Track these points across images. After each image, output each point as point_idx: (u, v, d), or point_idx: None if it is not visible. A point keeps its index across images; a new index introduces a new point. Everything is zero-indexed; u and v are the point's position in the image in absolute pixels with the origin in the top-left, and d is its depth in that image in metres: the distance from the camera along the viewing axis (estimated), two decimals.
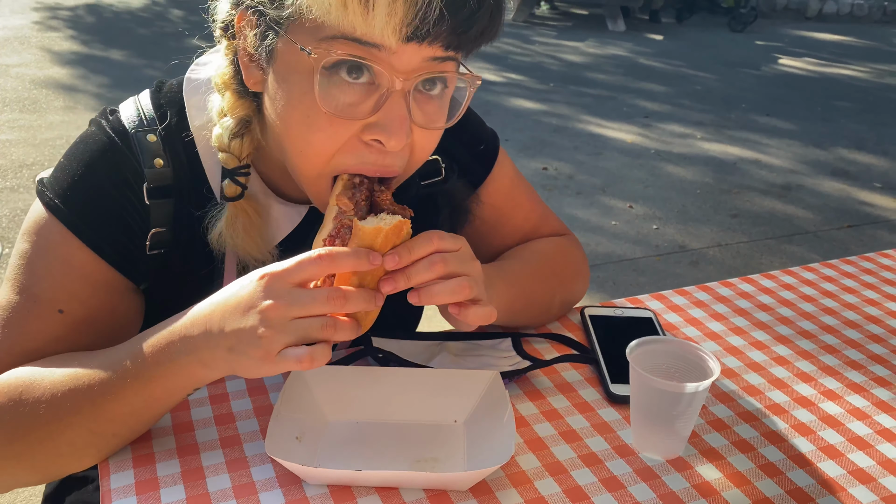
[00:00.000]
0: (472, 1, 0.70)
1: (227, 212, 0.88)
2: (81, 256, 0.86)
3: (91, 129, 0.91)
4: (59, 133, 4.52)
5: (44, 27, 7.05)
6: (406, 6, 0.67)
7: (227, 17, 0.83)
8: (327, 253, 0.72)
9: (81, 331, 0.87)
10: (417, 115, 0.77)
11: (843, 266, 1.34)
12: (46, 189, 0.87)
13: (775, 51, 7.80)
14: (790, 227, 3.93)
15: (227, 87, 0.86)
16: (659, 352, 0.88)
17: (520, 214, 1.14)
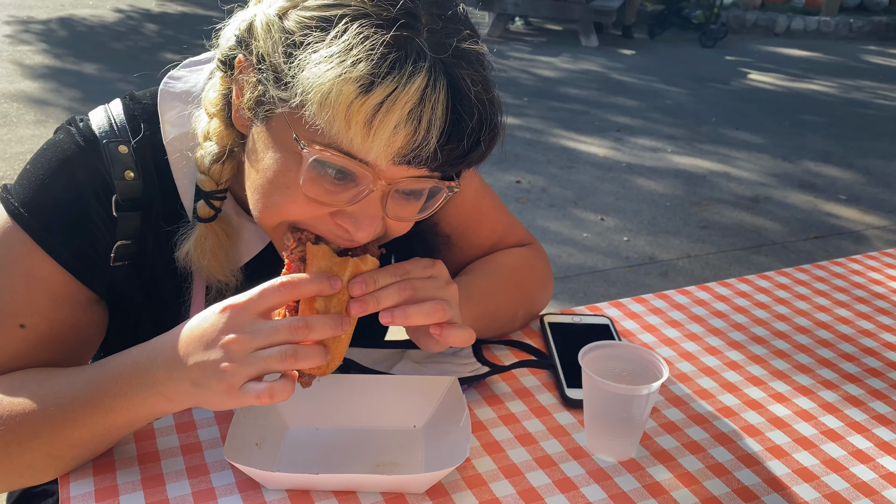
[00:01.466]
0: (465, 145, 0.72)
1: (197, 231, 0.87)
2: (45, 268, 0.85)
3: (59, 136, 0.89)
4: (30, 147, 4.48)
5: (15, 41, 6.99)
6: (404, 140, 0.69)
7: (229, 54, 0.82)
8: (288, 280, 0.73)
9: (42, 346, 0.87)
10: (392, 209, 0.79)
11: (797, 274, 1.38)
12: (11, 196, 0.86)
13: (745, 66, 7.95)
14: (758, 238, 4.00)
15: (216, 115, 0.85)
16: (610, 356, 0.91)
17: (486, 225, 1.16)
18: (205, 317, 0.75)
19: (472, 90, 0.71)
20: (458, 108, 0.71)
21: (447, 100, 0.70)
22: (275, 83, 0.73)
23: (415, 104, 0.68)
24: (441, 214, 1.11)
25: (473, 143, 0.73)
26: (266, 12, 0.74)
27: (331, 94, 0.67)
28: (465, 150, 0.73)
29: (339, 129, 0.69)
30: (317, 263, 0.75)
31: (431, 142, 0.70)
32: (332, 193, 0.75)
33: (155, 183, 0.89)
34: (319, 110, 0.69)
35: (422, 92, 0.68)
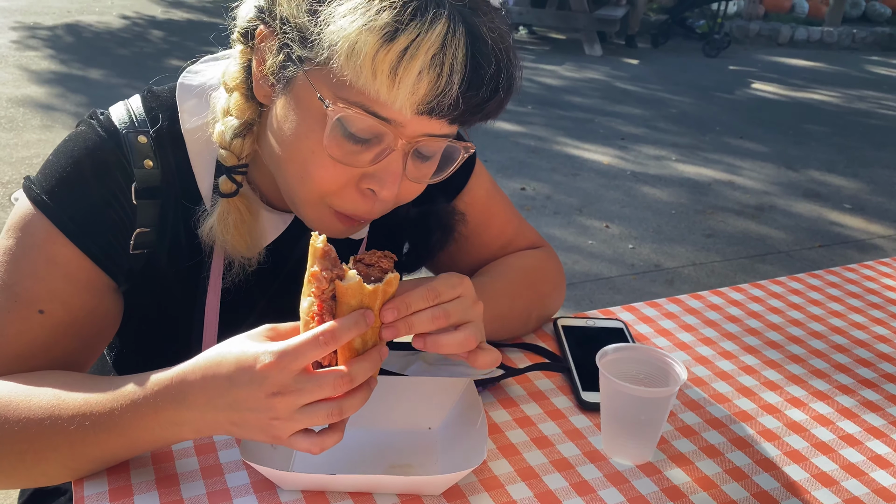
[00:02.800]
0: (485, 92, 0.75)
1: (219, 207, 0.89)
2: (66, 253, 0.86)
3: (80, 129, 0.91)
4: (36, 151, 4.49)
5: (22, 46, 7.02)
6: (428, 88, 0.72)
7: (248, 26, 0.84)
8: (329, 332, 0.70)
9: (60, 333, 0.87)
10: (411, 170, 0.82)
11: (810, 279, 1.38)
12: (33, 185, 0.87)
13: (748, 76, 7.96)
14: (763, 246, 3.99)
15: (236, 89, 0.87)
16: (628, 359, 0.90)
17: (496, 224, 1.16)
18: (241, 362, 0.71)
19: (489, 37, 0.74)
20: (476, 54, 0.74)
21: (466, 46, 0.73)
22: (300, 43, 0.76)
23: (437, 50, 0.71)
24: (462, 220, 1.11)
25: (492, 91, 0.76)
26: None
27: (357, 45, 0.70)
28: (485, 98, 0.76)
29: (365, 79, 0.72)
30: (347, 301, 0.72)
31: (454, 88, 0.73)
32: (355, 154, 0.79)
33: (173, 171, 0.91)
34: (347, 61, 0.72)
35: (443, 38, 0.71)
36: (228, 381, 0.71)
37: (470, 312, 0.82)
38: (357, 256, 0.76)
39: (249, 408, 0.71)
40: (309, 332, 0.71)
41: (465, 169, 1.12)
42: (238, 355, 0.72)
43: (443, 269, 1.18)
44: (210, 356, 0.74)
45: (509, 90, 0.79)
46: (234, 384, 0.71)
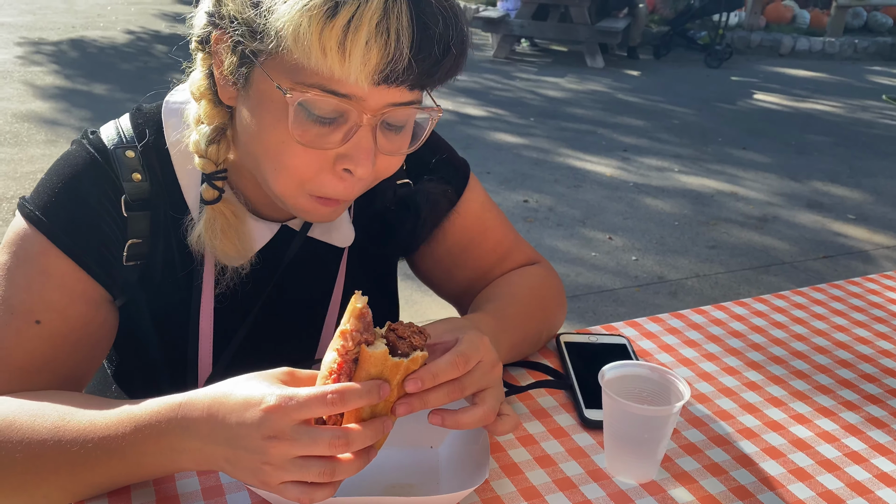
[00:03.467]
0: (437, 51, 0.76)
1: (205, 214, 0.91)
2: (60, 265, 0.88)
3: (72, 148, 0.94)
4: (41, 167, 4.51)
5: (27, 62, 7.06)
6: (379, 56, 0.73)
7: (203, 33, 0.86)
8: (339, 393, 0.69)
9: (58, 344, 0.88)
10: (383, 143, 0.82)
11: (813, 293, 1.37)
12: (27, 203, 0.90)
13: (750, 86, 7.96)
14: (767, 258, 3.99)
15: (202, 97, 0.89)
16: (630, 376, 0.90)
17: (491, 238, 1.16)
18: (247, 402, 0.71)
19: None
20: (421, 15, 0.74)
21: (410, 9, 0.73)
22: (250, 37, 0.78)
23: (380, 17, 0.72)
24: (446, 225, 1.11)
25: (444, 49, 0.76)
26: None
27: (301, 26, 0.72)
28: (438, 57, 0.76)
29: (316, 58, 0.73)
30: (367, 368, 0.71)
31: (404, 51, 0.73)
32: (323, 136, 0.79)
33: (161, 183, 0.94)
34: (295, 45, 0.73)
35: (384, 4, 0.72)
36: (231, 415, 0.71)
37: (489, 378, 0.81)
38: (392, 325, 0.74)
39: (244, 446, 0.70)
40: (320, 388, 0.69)
41: (460, 182, 1.13)
42: (246, 392, 0.71)
43: (439, 283, 1.19)
44: (220, 389, 0.74)
45: (461, 46, 0.79)
46: (235, 419, 0.71)
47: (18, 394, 0.85)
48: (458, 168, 1.13)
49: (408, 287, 1.21)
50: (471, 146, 5.48)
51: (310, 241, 1.02)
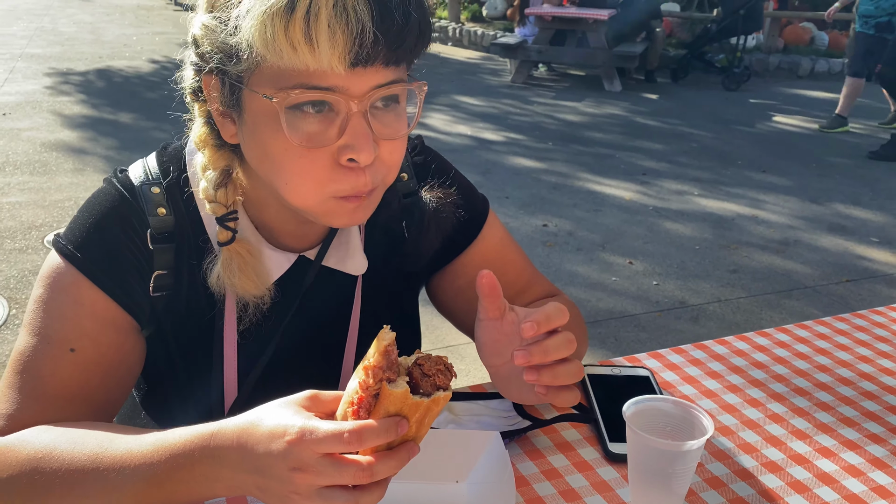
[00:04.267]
0: (398, 17, 0.79)
1: (222, 255, 0.95)
2: (91, 295, 0.93)
3: (103, 186, 1.00)
4: (68, 195, 4.60)
5: (55, 92, 7.23)
6: (344, 37, 0.76)
7: (194, 84, 0.91)
8: (356, 432, 0.70)
9: (92, 370, 0.93)
10: (379, 128, 0.85)
11: (836, 323, 1.37)
12: (61, 239, 0.96)
13: (769, 109, 7.96)
14: (789, 282, 3.96)
15: (205, 145, 0.94)
16: (654, 411, 0.91)
17: (512, 270, 1.18)
18: (272, 433, 0.73)
19: None
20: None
21: None
22: (229, 61, 0.82)
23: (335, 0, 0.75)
24: (466, 259, 1.14)
25: (404, 16, 0.79)
26: (198, 21, 0.85)
27: (267, 30, 0.76)
28: (400, 24, 0.79)
29: (288, 56, 0.77)
30: (385, 406, 0.72)
31: (365, 25, 0.76)
32: (319, 134, 0.83)
33: (184, 217, 0.98)
34: (266, 49, 0.77)
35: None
36: (258, 445, 0.73)
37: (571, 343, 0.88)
38: (420, 359, 0.75)
39: (273, 476, 0.73)
40: (338, 426, 0.71)
41: (479, 218, 1.15)
42: (272, 423, 0.73)
43: (459, 316, 1.21)
44: (248, 418, 0.76)
45: (421, 10, 0.82)
46: (262, 450, 0.73)
47: (56, 423, 0.89)
48: (477, 204, 1.16)
49: (427, 312, 1.23)
50: (489, 171, 5.52)
51: (325, 269, 1.05)
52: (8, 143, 5.58)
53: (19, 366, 0.92)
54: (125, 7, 13.42)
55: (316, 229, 1.03)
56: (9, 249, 3.84)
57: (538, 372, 0.83)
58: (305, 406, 0.75)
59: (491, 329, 0.91)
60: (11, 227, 4.11)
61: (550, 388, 0.85)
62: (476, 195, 1.17)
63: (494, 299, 0.88)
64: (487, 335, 0.91)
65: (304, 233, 1.02)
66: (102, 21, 11.73)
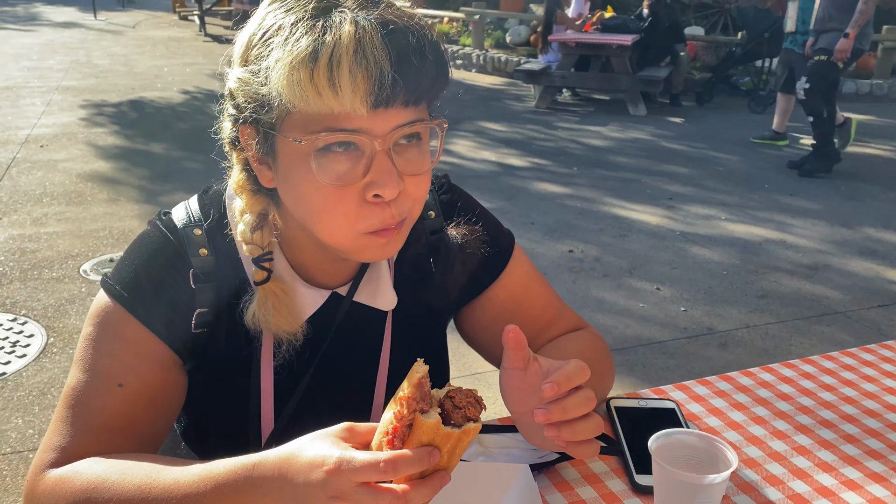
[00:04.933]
0: (414, 61, 0.85)
1: (258, 294, 1.00)
2: (138, 333, 0.98)
3: (148, 229, 1.06)
4: (103, 224, 4.72)
5: (90, 123, 7.43)
6: (365, 81, 0.82)
7: (232, 134, 0.97)
8: (391, 462, 0.74)
9: (138, 404, 0.98)
10: (402, 164, 0.90)
11: (863, 354, 1.38)
12: (109, 279, 1.01)
13: (796, 131, 7.90)
14: (819, 307, 3.93)
15: (242, 190, 1.00)
16: (679, 444, 0.93)
17: (538, 304, 1.22)
18: (311, 463, 0.77)
19: (397, 17, 0.86)
20: (391, 35, 0.84)
21: (380, 32, 0.83)
22: (263, 110, 0.88)
23: (356, 46, 0.82)
24: (492, 293, 1.17)
25: (420, 58, 0.85)
26: (233, 75, 0.91)
27: (293, 79, 0.82)
28: (417, 66, 0.85)
29: (314, 102, 0.83)
30: (420, 436, 0.76)
31: (384, 68, 0.82)
32: (346, 172, 0.88)
33: (225, 257, 1.03)
34: (294, 97, 0.83)
35: (356, 35, 0.82)
36: (298, 475, 0.77)
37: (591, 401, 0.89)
38: (451, 392, 0.78)
39: (311, 501, 0.76)
40: (374, 456, 0.74)
41: (505, 253, 1.19)
42: (311, 455, 0.77)
43: (487, 348, 1.24)
44: (288, 449, 0.80)
45: (436, 53, 0.88)
46: (302, 480, 0.77)
47: (105, 455, 0.94)
48: (503, 240, 1.20)
49: (454, 340, 1.27)
50: (514, 196, 5.56)
51: (357, 305, 1.09)
52: (45, 174, 5.74)
53: (71, 400, 0.97)
54: (157, 39, 13.77)
55: (348, 266, 1.07)
56: (46, 279, 3.95)
57: (558, 428, 0.85)
58: (342, 437, 0.79)
59: (515, 378, 0.92)
60: (49, 256, 4.23)
61: (570, 444, 0.87)
62: (501, 231, 1.21)
63: (519, 352, 0.90)
64: (511, 383, 0.93)
65: (337, 270, 1.06)
66: (135, 53, 12.05)
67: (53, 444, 0.96)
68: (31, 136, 6.85)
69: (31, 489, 0.94)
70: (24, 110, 7.85)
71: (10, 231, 4.60)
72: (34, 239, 4.48)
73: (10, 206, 5.03)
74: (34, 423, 2.77)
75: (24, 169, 5.85)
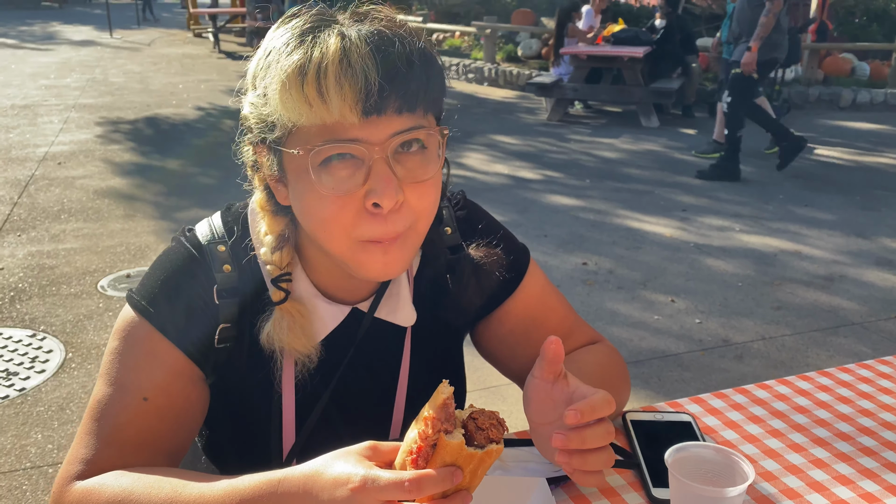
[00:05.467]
0: (401, 67, 0.87)
1: (274, 314, 1.01)
2: (162, 348, 1.00)
3: (172, 245, 1.08)
4: (120, 240, 4.78)
5: (106, 140, 7.52)
6: (352, 89, 0.84)
7: (251, 158, 1.00)
8: (415, 481, 0.75)
9: (163, 418, 1.00)
10: (402, 172, 0.91)
11: (879, 366, 1.37)
12: (134, 294, 1.03)
13: (810, 141, 7.85)
14: (835, 318, 3.90)
15: (263, 210, 1.02)
16: (696, 457, 0.93)
17: (554, 318, 1.22)
18: (336, 481, 0.78)
19: (384, 27, 0.88)
20: (378, 44, 0.86)
21: (366, 42, 0.85)
22: (270, 130, 0.91)
23: (341, 56, 0.84)
24: (508, 308, 1.18)
25: (407, 64, 0.86)
26: (246, 100, 0.95)
27: (286, 95, 0.86)
28: (404, 72, 0.86)
29: (307, 114, 0.85)
30: (442, 456, 0.77)
31: (371, 76, 0.84)
32: (346, 180, 0.89)
33: (248, 274, 1.05)
34: (290, 112, 0.86)
35: (341, 46, 0.85)
36: (323, 492, 0.79)
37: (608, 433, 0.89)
38: (474, 413, 0.80)
39: None
40: (398, 475, 0.76)
41: (520, 268, 1.20)
42: (336, 472, 0.79)
43: (504, 362, 1.25)
44: (313, 466, 0.81)
45: (424, 58, 0.89)
46: (327, 497, 0.78)
47: (131, 468, 0.95)
48: (518, 255, 1.21)
49: (470, 353, 1.27)
50: (527, 209, 5.57)
51: (377, 321, 1.10)
52: (63, 191, 5.81)
53: (96, 413, 0.99)
54: (171, 56, 13.94)
55: (367, 283, 1.08)
56: (65, 295, 4.00)
57: (570, 455, 0.86)
58: (366, 456, 0.80)
59: (541, 389, 0.93)
60: (67, 272, 4.28)
61: (577, 471, 0.88)
62: (517, 246, 1.22)
63: (554, 365, 0.91)
64: (535, 394, 0.94)
65: (356, 286, 1.08)
66: (150, 70, 12.20)
67: (79, 457, 0.97)
68: (48, 153, 6.95)
69: (57, 501, 0.96)
70: (41, 128, 7.96)
71: (29, 248, 4.66)
72: (52, 255, 4.54)
73: (29, 223, 5.10)
74: (53, 439, 2.80)
75: (41, 186, 5.93)
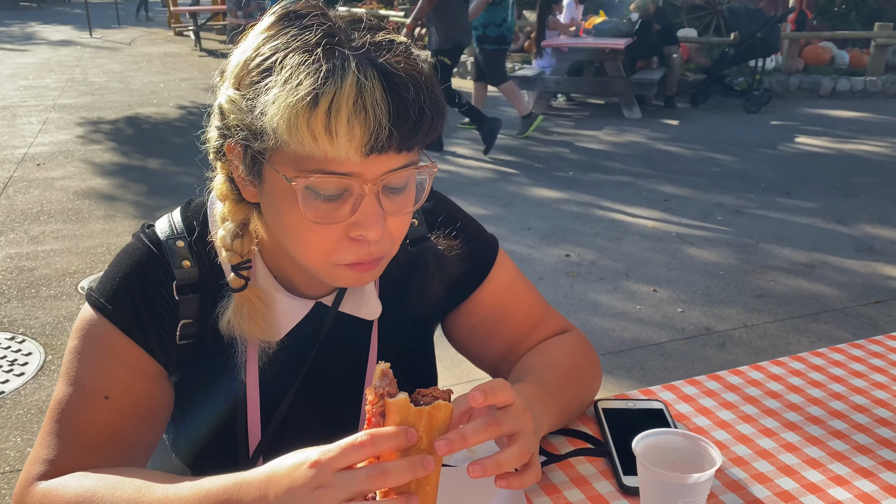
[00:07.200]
0: (412, 115, 0.85)
1: (233, 301, 1.00)
2: (122, 345, 0.99)
3: (132, 241, 1.06)
4: (101, 241, 4.73)
5: (87, 140, 7.45)
6: (362, 131, 0.82)
7: (217, 145, 0.96)
8: (368, 436, 0.77)
9: (125, 417, 0.98)
10: (388, 206, 0.91)
11: (852, 350, 1.38)
12: (93, 292, 1.02)
13: (791, 130, 7.93)
14: (817, 305, 3.93)
15: (225, 198, 0.99)
16: (664, 444, 0.93)
17: (522, 308, 1.22)
18: (293, 466, 0.78)
19: (400, 69, 0.85)
20: (393, 88, 0.83)
21: (381, 84, 0.83)
22: (253, 139, 0.87)
23: (356, 97, 0.81)
24: (477, 299, 1.18)
25: (419, 112, 0.85)
26: (225, 93, 0.91)
27: (290, 120, 0.81)
28: (414, 120, 0.84)
29: (309, 145, 0.82)
30: (392, 417, 0.78)
31: (382, 121, 0.82)
32: (332, 212, 0.88)
33: (208, 269, 1.04)
34: (289, 137, 0.82)
35: (357, 85, 0.81)
36: (283, 480, 0.79)
37: (520, 422, 0.87)
38: (418, 390, 0.82)
39: (297, 500, 0.77)
40: (351, 437, 0.77)
41: (488, 258, 1.19)
42: (291, 460, 0.79)
43: (475, 353, 1.24)
44: (271, 465, 0.82)
45: (435, 107, 0.88)
46: (287, 484, 0.78)
47: (94, 468, 0.94)
48: (486, 247, 1.20)
49: (450, 348, 1.27)
50: (511, 202, 5.57)
51: (342, 315, 1.09)
52: (43, 192, 5.76)
53: (57, 414, 0.97)
54: (152, 55, 13.82)
55: None
56: (44, 297, 3.96)
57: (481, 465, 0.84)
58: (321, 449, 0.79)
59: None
60: (47, 274, 4.24)
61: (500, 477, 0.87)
62: (485, 236, 1.21)
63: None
64: None
65: (320, 281, 1.07)
66: (131, 69, 12.09)
67: (41, 457, 0.96)
68: (27, 154, 6.88)
69: (19, 501, 0.95)
70: (20, 129, 7.88)
71: (8, 250, 4.62)
72: (32, 257, 4.49)
73: (8, 225, 5.05)
74: (33, 442, 2.77)
75: (20, 188, 5.87)
